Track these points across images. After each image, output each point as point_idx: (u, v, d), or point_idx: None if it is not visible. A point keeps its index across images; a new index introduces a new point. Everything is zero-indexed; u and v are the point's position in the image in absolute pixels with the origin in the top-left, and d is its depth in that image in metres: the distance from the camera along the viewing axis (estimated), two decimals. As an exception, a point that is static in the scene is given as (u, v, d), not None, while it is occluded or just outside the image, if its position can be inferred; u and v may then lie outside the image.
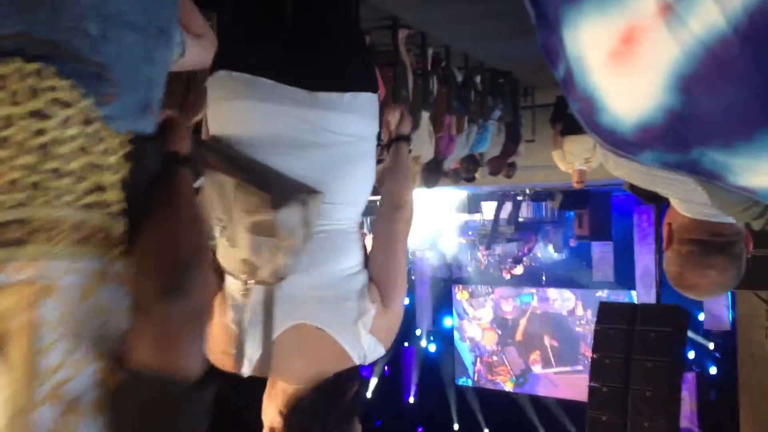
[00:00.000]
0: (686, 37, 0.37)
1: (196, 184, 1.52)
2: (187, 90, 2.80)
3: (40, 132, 1.02)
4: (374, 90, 1.86)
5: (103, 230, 1.09)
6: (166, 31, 1.26)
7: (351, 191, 1.82)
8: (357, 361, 1.74)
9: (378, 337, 1.76)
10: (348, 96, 1.73)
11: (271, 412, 1.75)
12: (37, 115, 1.02)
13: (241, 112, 1.73)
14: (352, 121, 1.76)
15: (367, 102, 1.81)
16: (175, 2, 1.33)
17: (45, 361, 1.00)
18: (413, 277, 13.97)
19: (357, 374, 1.79)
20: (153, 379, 1.04)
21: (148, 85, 1.24)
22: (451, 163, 6.14)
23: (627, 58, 0.41)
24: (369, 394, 15.68)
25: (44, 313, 1.00)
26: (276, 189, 1.61)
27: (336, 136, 1.73)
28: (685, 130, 0.40)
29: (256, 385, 1.84)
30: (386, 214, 1.87)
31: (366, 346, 1.73)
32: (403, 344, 15.47)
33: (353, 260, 1.80)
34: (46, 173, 1.03)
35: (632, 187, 3.19)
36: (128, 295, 1.08)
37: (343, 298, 1.72)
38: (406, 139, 1.98)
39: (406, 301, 15.37)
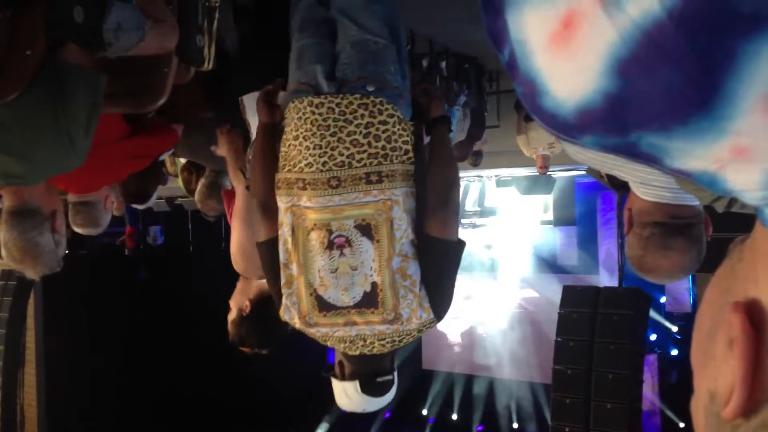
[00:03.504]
0: (623, 20, 0.38)
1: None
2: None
3: (385, 130, 2.14)
4: None
5: (408, 172, 2.16)
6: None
7: None
8: None
9: None
10: None
11: (241, 301, 2.78)
12: (383, 122, 2.14)
13: None
14: None
15: None
16: None
17: (395, 235, 2.10)
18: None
19: None
20: (436, 239, 2.15)
21: (408, 92, 2.32)
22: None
23: (567, 41, 0.41)
24: (337, 381, 15.71)
25: (394, 213, 2.11)
26: None
27: None
28: (623, 114, 0.41)
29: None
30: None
31: None
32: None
33: None
34: (389, 149, 2.13)
35: (595, 172, 3.23)
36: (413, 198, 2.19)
37: None
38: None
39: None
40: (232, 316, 2.82)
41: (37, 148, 2.03)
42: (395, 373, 2.38)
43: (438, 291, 2.18)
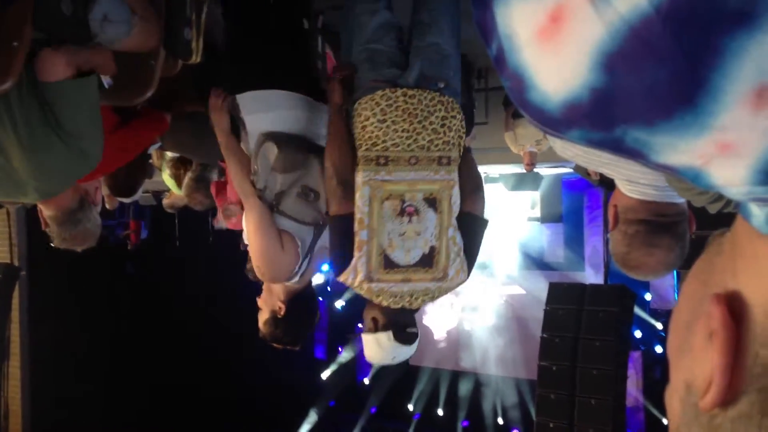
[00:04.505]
0: (611, 15, 0.38)
1: None
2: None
3: (454, 124, 2.60)
4: None
5: (458, 161, 2.63)
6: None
7: None
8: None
9: None
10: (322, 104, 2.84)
11: (272, 303, 2.89)
12: (453, 117, 2.59)
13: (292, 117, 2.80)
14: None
15: None
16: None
17: (453, 209, 2.62)
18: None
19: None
20: (473, 215, 2.66)
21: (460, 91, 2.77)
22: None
23: (554, 36, 0.41)
24: (324, 376, 15.71)
25: (453, 191, 2.59)
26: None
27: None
28: (608, 109, 0.41)
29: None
30: None
31: None
32: (358, 325, 15.50)
33: None
34: (456, 139, 2.60)
35: (582, 169, 3.22)
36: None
37: None
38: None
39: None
40: (264, 316, 2.93)
41: (60, 169, 2.30)
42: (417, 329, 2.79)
43: (471, 257, 2.67)
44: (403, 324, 2.69)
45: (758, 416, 0.41)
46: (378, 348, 2.70)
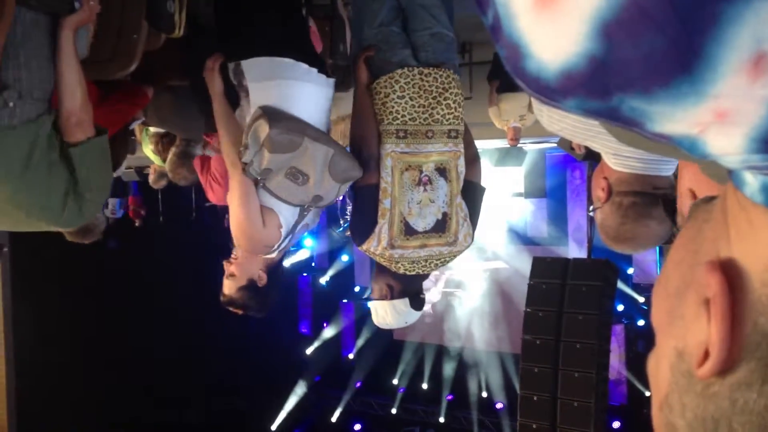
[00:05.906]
0: None
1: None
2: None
3: (461, 100, 2.83)
4: None
5: (464, 133, 2.85)
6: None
7: None
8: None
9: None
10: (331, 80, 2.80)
11: (252, 271, 2.83)
12: (460, 94, 2.84)
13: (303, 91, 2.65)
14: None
15: None
16: None
17: (460, 178, 2.84)
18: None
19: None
20: (473, 183, 2.89)
21: None
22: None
23: (552, 3, 0.41)
24: (308, 351, 15.77)
25: (459, 161, 2.82)
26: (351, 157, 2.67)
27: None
28: (606, 77, 0.41)
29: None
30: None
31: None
32: (342, 301, 15.56)
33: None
34: (462, 114, 2.80)
35: (566, 144, 3.22)
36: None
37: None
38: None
39: (345, 258, 15.37)
40: (240, 283, 2.84)
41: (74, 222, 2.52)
42: None
43: (474, 223, 2.90)
44: (416, 291, 2.93)
45: (758, 383, 0.42)
46: (395, 314, 2.93)
